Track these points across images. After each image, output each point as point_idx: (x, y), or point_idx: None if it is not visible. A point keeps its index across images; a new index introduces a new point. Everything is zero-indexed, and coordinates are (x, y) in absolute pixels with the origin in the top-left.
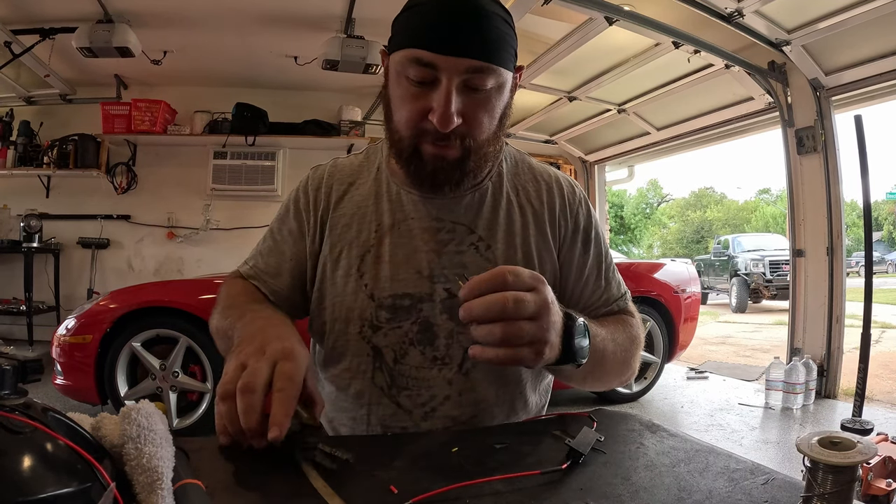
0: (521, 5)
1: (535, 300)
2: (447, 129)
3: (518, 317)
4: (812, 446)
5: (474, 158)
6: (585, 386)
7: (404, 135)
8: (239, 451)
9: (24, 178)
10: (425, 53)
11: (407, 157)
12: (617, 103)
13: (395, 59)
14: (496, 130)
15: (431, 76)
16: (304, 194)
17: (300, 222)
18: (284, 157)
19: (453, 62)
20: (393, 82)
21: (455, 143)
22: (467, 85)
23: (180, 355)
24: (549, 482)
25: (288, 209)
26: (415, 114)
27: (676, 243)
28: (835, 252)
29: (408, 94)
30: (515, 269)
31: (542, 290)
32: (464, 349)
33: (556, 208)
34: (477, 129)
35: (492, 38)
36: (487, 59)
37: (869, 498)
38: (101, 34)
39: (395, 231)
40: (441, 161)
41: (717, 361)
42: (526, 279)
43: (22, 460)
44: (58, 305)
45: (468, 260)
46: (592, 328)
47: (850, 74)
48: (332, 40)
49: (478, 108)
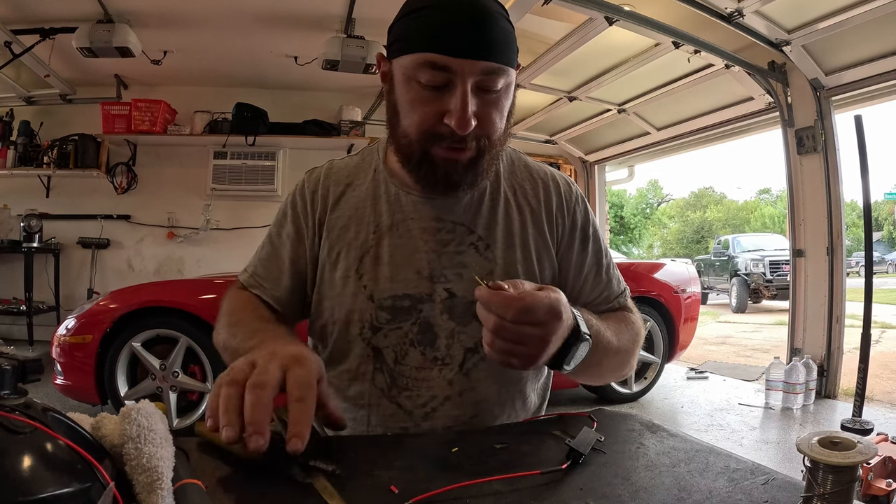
0: (521, 5)
1: (539, 334)
2: (466, 132)
3: (515, 341)
4: (812, 446)
5: (487, 158)
6: (580, 379)
7: (415, 139)
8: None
9: (24, 178)
10: (439, 57)
11: (417, 162)
12: (617, 103)
13: (402, 64)
14: (505, 129)
15: (445, 79)
16: (301, 198)
17: (298, 226)
18: (284, 158)
19: (468, 65)
20: (401, 87)
21: (470, 145)
22: (479, 86)
23: (180, 355)
24: (549, 482)
25: (285, 214)
26: (428, 118)
27: (676, 243)
28: (835, 252)
29: (419, 98)
30: (530, 305)
31: (553, 326)
32: (464, 349)
33: (554, 206)
34: (490, 129)
35: (500, 40)
36: (499, 60)
37: (869, 498)
38: (101, 34)
39: (394, 232)
40: (454, 164)
41: (717, 361)
42: (540, 316)
43: (22, 460)
44: (58, 305)
45: (468, 260)
46: (595, 326)
47: (851, 74)
48: (332, 40)
49: (490, 109)
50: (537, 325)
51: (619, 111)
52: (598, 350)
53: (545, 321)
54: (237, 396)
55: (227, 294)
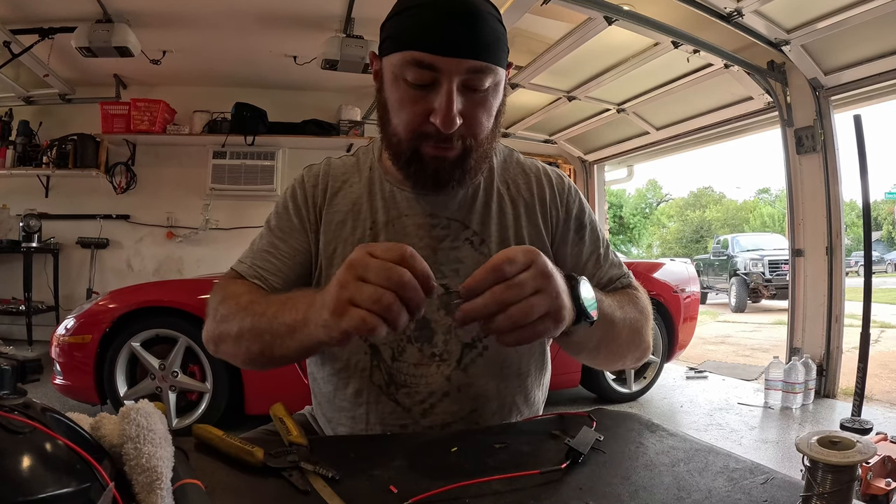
0: (520, 5)
1: (532, 275)
2: (450, 131)
3: (521, 298)
4: (811, 446)
5: (474, 157)
6: (601, 359)
7: (403, 138)
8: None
9: (24, 177)
10: (425, 55)
11: (407, 160)
12: (616, 103)
13: (390, 62)
14: (493, 128)
15: (431, 78)
16: (302, 189)
17: (300, 218)
18: (284, 157)
19: (454, 63)
20: (389, 85)
21: (456, 144)
22: (465, 85)
23: (179, 355)
24: (548, 482)
25: (286, 206)
26: (415, 116)
27: (675, 243)
28: (834, 252)
29: (406, 96)
30: (507, 255)
31: (538, 261)
32: (462, 344)
33: (547, 199)
34: (477, 128)
35: (488, 39)
36: (486, 59)
37: (868, 497)
38: (101, 34)
39: (390, 228)
40: (442, 162)
41: (716, 361)
42: (519, 260)
43: (21, 460)
44: (57, 305)
45: (463, 255)
46: (597, 294)
47: (850, 74)
48: (331, 40)
49: (476, 108)
50: (525, 267)
51: (619, 111)
52: (606, 318)
53: (529, 259)
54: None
55: (221, 284)
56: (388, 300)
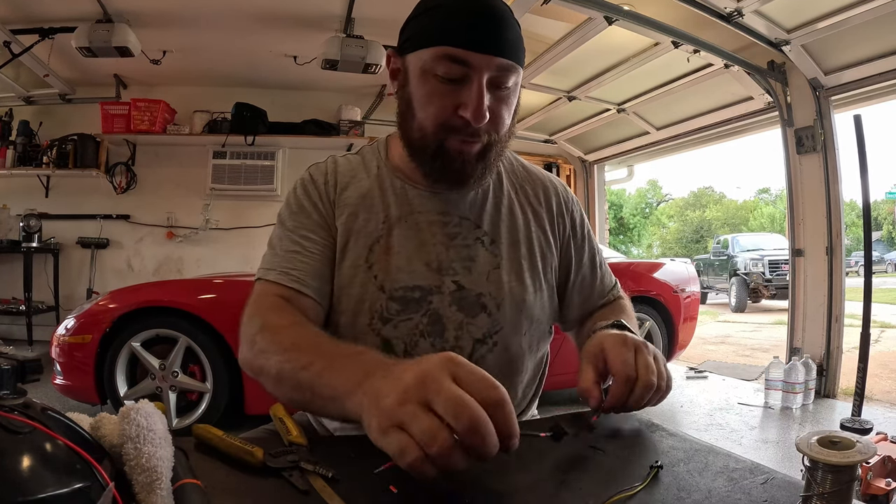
0: (521, 5)
1: (645, 363)
2: (480, 124)
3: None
4: (811, 446)
5: (494, 152)
6: None
7: (430, 131)
8: (216, 454)
9: (24, 177)
10: (458, 51)
11: (432, 154)
12: (616, 103)
13: (419, 58)
14: (510, 126)
15: (461, 73)
16: (313, 186)
17: (319, 213)
18: (284, 157)
19: (485, 60)
20: (416, 80)
21: (483, 138)
22: (492, 82)
23: (180, 355)
24: (547, 482)
25: (300, 205)
26: (443, 110)
27: (676, 243)
28: (834, 252)
29: (436, 90)
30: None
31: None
32: (473, 340)
33: (554, 209)
34: (500, 124)
35: (513, 39)
36: (512, 59)
37: (868, 497)
38: (101, 34)
39: (403, 223)
40: (467, 156)
41: (716, 361)
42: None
43: (21, 460)
44: (57, 305)
45: (475, 254)
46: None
47: (850, 74)
48: (331, 40)
49: (500, 105)
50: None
51: (619, 111)
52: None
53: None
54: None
55: (253, 308)
56: (444, 443)
